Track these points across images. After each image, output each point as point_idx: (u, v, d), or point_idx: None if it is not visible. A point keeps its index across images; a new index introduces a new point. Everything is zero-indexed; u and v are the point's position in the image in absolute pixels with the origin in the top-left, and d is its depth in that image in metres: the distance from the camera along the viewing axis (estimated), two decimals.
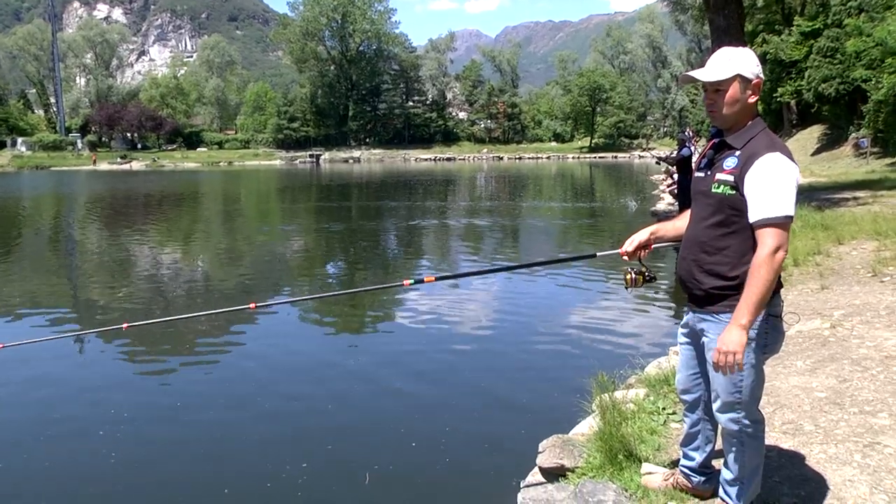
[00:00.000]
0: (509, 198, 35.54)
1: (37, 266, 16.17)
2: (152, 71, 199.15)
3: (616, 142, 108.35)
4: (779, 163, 2.81)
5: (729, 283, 2.94)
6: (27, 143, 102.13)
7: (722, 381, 3.00)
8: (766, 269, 2.74)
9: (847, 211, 14.42)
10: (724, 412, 3.06)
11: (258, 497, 5.01)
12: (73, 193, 43.64)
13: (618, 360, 6.61)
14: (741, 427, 3.04)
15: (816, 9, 43.85)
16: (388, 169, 77.06)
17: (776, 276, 2.79)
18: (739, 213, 2.88)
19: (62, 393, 7.26)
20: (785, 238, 2.78)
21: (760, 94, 3.01)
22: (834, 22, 39.75)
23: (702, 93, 3.14)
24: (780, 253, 2.75)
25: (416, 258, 16.51)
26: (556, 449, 4.09)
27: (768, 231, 2.77)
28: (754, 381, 3.01)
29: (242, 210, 32.77)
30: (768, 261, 2.74)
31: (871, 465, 3.63)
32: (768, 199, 2.77)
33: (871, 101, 32.28)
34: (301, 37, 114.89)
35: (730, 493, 3.18)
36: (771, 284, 2.77)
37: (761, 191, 2.79)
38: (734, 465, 3.12)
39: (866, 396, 4.55)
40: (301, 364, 8.26)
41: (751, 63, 2.92)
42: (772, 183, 2.78)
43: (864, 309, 6.81)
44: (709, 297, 3.03)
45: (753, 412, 3.06)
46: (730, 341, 2.79)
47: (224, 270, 15.08)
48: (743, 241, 2.90)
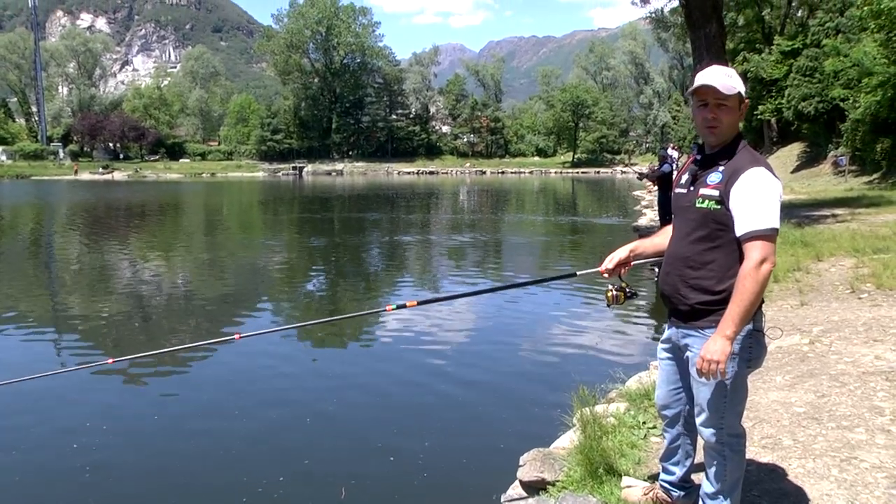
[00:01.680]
0: (492, 212, 35.63)
1: (12, 278, 16.02)
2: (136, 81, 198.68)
3: (598, 157, 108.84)
4: (763, 177, 2.85)
5: (714, 298, 2.96)
6: (7, 153, 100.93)
7: (706, 395, 3.01)
8: (752, 281, 2.77)
9: (826, 228, 14.56)
10: (708, 426, 3.07)
11: None
12: (54, 203, 43.27)
13: (599, 375, 6.60)
14: (723, 441, 3.05)
15: (796, 29, 44.54)
16: (371, 182, 77.05)
17: (762, 287, 2.81)
18: (724, 227, 2.91)
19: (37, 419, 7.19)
20: (771, 250, 2.80)
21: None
22: (813, 42, 40.37)
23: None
24: (767, 265, 2.78)
25: (398, 276, 16.36)
26: (536, 462, 4.09)
27: (755, 244, 2.79)
28: (738, 395, 3.04)
29: (224, 222, 32.63)
30: (754, 273, 2.77)
31: (848, 480, 3.67)
32: (754, 213, 2.80)
33: (848, 120, 32.69)
34: (285, 49, 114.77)
35: None
36: (757, 297, 2.79)
37: (747, 205, 2.82)
38: (715, 479, 3.12)
39: (844, 412, 4.59)
40: (280, 379, 8.17)
41: (742, 83, 2.97)
42: (757, 197, 2.81)
43: (842, 325, 6.87)
44: (694, 312, 3.04)
45: (736, 426, 3.08)
46: (714, 350, 2.81)
47: (205, 285, 14.94)
48: (728, 255, 2.92)
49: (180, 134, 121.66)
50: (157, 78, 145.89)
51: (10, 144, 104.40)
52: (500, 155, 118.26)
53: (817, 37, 40.07)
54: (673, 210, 3.24)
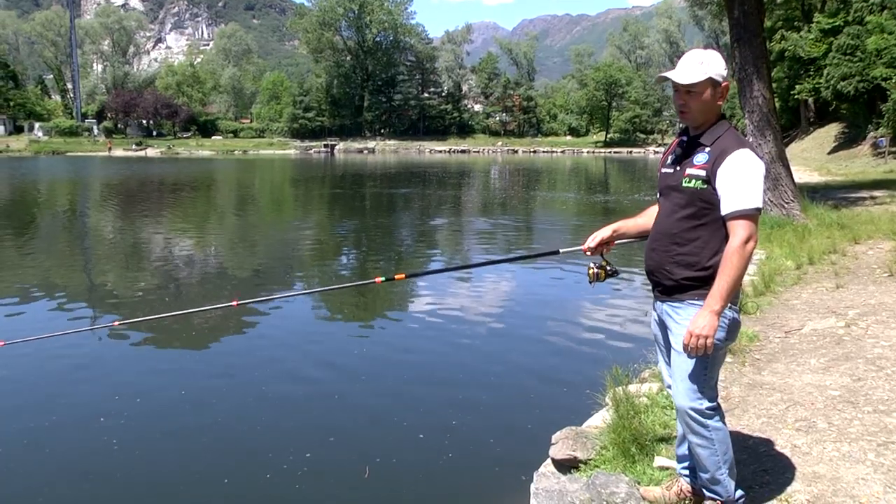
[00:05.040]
0: (525, 190, 35.52)
1: (50, 248, 16.30)
2: (169, 59, 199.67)
3: (631, 137, 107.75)
4: (748, 159, 2.94)
5: (699, 274, 3.04)
6: (44, 129, 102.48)
7: (687, 368, 3.06)
8: (738, 258, 2.87)
9: (864, 210, 14.33)
10: (686, 399, 3.08)
11: (259, 487, 5.00)
12: (89, 179, 43.85)
13: (631, 355, 6.58)
14: (702, 414, 3.06)
15: (837, 5, 43.45)
16: (403, 160, 77.01)
17: (747, 264, 2.93)
18: (710, 205, 3.00)
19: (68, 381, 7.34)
20: (755, 229, 2.92)
21: (727, 96, 3.13)
22: (855, 19, 39.39)
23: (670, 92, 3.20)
24: (751, 243, 2.90)
25: (427, 248, 16.52)
26: (569, 441, 4.10)
27: (741, 223, 2.90)
28: (716, 368, 3.15)
29: (256, 199, 32.86)
30: (740, 250, 2.87)
31: (885, 464, 3.62)
32: (740, 193, 2.90)
33: (890, 100, 32.02)
34: (317, 27, 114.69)
35: (717, 491, 3.19)
36: (742, 272, 2.92)
37: (733, 185, 2.92)
38: (711, 463, 3.13)
39: (881, 395, 4.54)
40: (308, 355, 8.21)
41: (720, 67, 3.02)
42: (742, 177, 2.91)
43: (879, 309, 6.78)
44: (679, 286, 3.11)
45: (714, 396, 3.12)
46: (702, 325, 2.88)
47: (235, 258, 15.15)
48: (712, 233, 3.01)
49: (212, 111, 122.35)
50: (190, 55, 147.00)
51: (47, 121, 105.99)
52: (533, 134, 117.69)
53: (860, 13, 39.06)
54: (659, 189, 3.31)
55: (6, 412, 6.40)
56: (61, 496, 5.01)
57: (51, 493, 5.02)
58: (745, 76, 13.38)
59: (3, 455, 5.53)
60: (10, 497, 4.95)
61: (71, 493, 5.06)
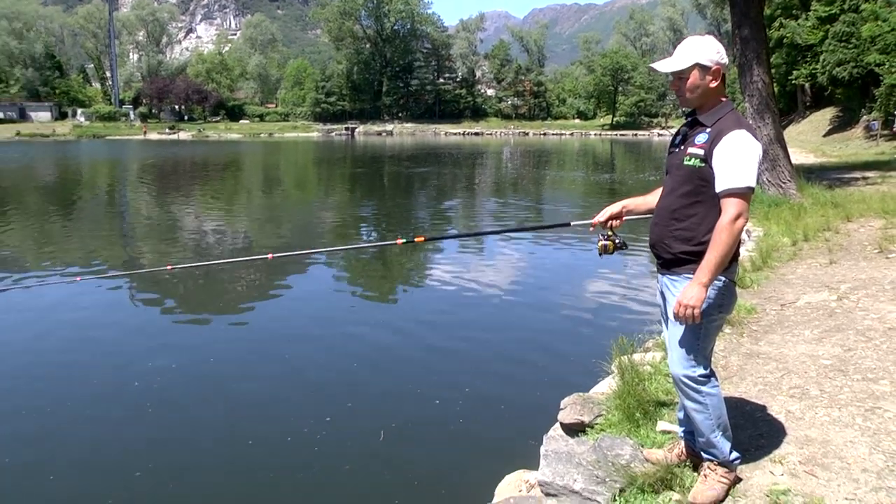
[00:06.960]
0: (535, 169, 35.40)
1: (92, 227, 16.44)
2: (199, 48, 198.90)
3: (637, 120, 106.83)
4: (744, 139, 2.90)
5: (695, 249, 3.02)
6: (85, 114, 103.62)
7: (678, 336, 3.08)
8: (727, 234, 2.85)
9: (856, 190, 14.20)
10: (679, 367, 3.10)
11: (279, 449, 5.03)
12: (127, 161, 44.06)
13: (637, 325, 6.60)
14: (695, 381, 3.07)
15: None
16: (420, 142, 76.77)
17: (736, 240, 2.90)
18: (707, 183, 2.97)
19: (104, 334, 7.47)
20: (745, 207, 2.88)
21: (721, 78, 3.06)
22: (851, 7, 38.74)
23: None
24: (741, 220, 2.86)
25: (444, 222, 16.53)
26: (576, 406, 4.13)
27: (732, 200, 2.86)
28: (710, 338, 3.12)
29: (283, 178, 32.94)
30: (729, 227, 2.85)
31: (872, 428, 3.65)
32: (733, 172, 2.87)
33: (883, 85, 31.58)
34: (338, 16, 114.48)
35: (713, 453, 3.20)
36: (731, 248, 2.89)
37: (727, 164, 2.89)
38: (706, 426, 3.14)
39: (869, 365, 4.55)
40: (327, 322, 8.27)
41: (710, 52, 2.99)
42: (737, 157, 2.88)
43: (869, 283, 6.76)
44: (677, 260, 3.11)
45: (707, 364, 3.13)
46: (690, 296, 2.89)
47: (267, 226, 15.26)
48: (709, 210, 2.99)
49: (240, 97, 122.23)
50: (219, 44, 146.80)
51: (88, 107, 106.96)
52: (543, 117, 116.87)
53: (856, 1, 38.45)
54: (666, 168, 3.30)
55: (49, 348, 6.72)
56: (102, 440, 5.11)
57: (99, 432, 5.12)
58: (746, 62, 13.24)
59: (51, 391, 5.73)
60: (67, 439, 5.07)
61: (111, 440, 5.15)
